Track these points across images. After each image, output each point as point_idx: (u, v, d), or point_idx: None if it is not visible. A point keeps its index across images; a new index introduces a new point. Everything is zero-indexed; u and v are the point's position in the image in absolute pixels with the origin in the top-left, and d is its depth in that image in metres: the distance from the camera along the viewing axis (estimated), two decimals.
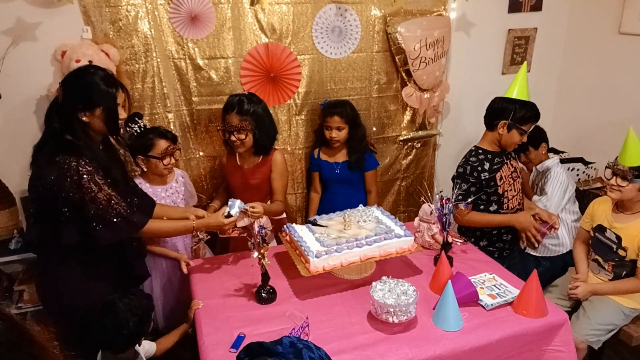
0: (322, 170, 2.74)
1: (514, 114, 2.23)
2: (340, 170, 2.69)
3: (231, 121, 2.24)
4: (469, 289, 1.76)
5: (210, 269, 2.08)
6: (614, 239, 2.11)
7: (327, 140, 2.64)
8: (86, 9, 2.25)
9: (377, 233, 1.89)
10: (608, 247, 2.14)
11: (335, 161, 2.69)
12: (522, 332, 1.68)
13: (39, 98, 2.30)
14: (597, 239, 2.20)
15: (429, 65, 2.76)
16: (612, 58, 2.95)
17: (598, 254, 2.20)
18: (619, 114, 2.93)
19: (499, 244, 2.42)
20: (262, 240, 1.74)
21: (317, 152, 2.75)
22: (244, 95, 2.31)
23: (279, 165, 2.37)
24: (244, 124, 2.23)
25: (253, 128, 2.25)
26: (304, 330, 1.58)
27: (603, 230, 2.16)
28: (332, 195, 2.76)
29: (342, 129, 2.58)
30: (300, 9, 2.56)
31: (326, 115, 2.60)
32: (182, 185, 2.40)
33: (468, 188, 2.30)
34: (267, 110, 2.37)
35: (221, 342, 1.60)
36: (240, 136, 2.24)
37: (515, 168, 2.40)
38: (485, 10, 2.96)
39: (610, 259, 2.14)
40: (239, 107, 2.23)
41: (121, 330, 1.58)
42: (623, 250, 2.08)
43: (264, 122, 2.30)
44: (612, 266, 2.14)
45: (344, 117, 2.56)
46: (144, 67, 2.42)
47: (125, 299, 1.63)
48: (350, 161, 2.66)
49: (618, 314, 2.10)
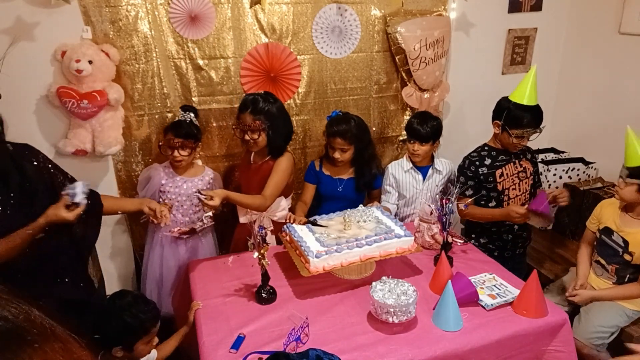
0: (321, 184, 2.56)
1: (507, 115, 2.22)
2: (343, 188, 2.53)
3: (245, 120, 2.20)
4: (469, 289, 1.76)
5: (210, 269, 2.08)
6: (621, 242, 2.08)
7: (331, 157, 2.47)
8: (86, 9, 2.25)
9: (377, 233, 1.89)
10: (614, 250, 2.11)
11: (340, 177, 2.54)
12: (522, 332, 1.68)
13: (39, 98, 2.30)
14: (603, 242, 2.17)
15: (429, 65, 2.76)
16: (612, 58, 2.94)
17: (602, 256, 2.18)
18: (619, 114, 2.93)
19: (498, 242, 2.42)
20: (262, 240, 1.74)
21: (319, 163, 2.58)
22: (260, 95, 2.25)
23: (281, 164, 2.24)
24: (257, 123, 2.18)
25: (267, 128, 2.19)
26: (303, 330, 1.58)
27: (610, 233, 2.13)
28: (327, 212, 2.43)
29: (347, 150, 2.43)
30: (300, 9, 2.56)
31: (329, 135, 2.45)
32: (207, 184, 2.46)
33: (466, 182, 2.33)
34: (283, 110, 2.30)
35: (221, 342, 1.60)
36: (254, 136, 2.20)
37: (525, 169, 2.37)
38: (485, 10, 2.96)
39: (614, 262, 2.12)
40: (253, 107, 2.19)
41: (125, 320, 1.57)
42: (629, 255, 2.05)
43: (279, 123, 2.23)
44: (616, 269, 2.11)
45: (347, 138, 2.39)
46: (144, 67, 2.42)
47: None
48: (359, 182, 2.53)
49: (621, 316, 2.09)
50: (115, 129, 2.37)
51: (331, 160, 2.50)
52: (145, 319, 1.60)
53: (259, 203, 2.16)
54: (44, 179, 1.74)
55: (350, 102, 2.81)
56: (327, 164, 2.57)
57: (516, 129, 2.21)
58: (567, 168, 2.97)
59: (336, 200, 2.52)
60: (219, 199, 1.94)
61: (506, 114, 2.22)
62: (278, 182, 2.22)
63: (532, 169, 2.40)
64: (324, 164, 2.58)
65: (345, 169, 2.55)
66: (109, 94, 2.26)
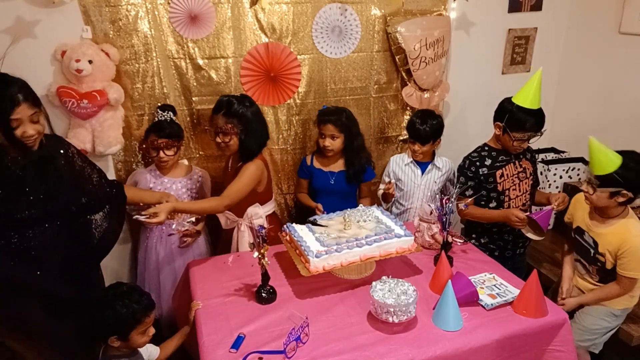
0: (314, 178, 2.62)
1: (509, 118, 2.19)
2: (335, 180, 2.58)
3: (217, 122, 2.17)
4: (469, 289, 1.76)
5: (210, 269, 2.08)
6: (592, 243, 2.06)
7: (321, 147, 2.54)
8: (86, 9, 2.25)
9: (377, 233, 1.89)
10: (587, 250, 2.10)
11: (330, 170, 2.59)
12: (522, 332, 1.68)
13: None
14: (577, 241, 2.16)
15: (429, 65, 2.76)
16: (612, 58, 2.94)
17: (581, 255, 2.17)
18: (618, 114, 2.93)
19: (499, 242, 2.42)
20: (262, 240, 1.74)
21: (311, 158, 2.64)
22: (235, 97, 2.22)
23: (247, 169, 2.17)
24: (229, 126, 2.14)
25: (239, 132, 2.16)
26: (303, 330, 1.58)
27: (582, 232, 2.12)
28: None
29: (337, 138, 2.49)
30: (300, 9, 2.56)
31: (320, 122, 2.52)
32: (195, 183, 2.45)
33: (466, 182, 2.33)
34: (259, 114, 2.28)
35: (221, 342, 1.60)
36: (225, 139, 2.16)
37: (525, 169, 2.36)
38: (485, 10, 2.96)
39: (592, 263, 2.10)
40: (227, 109, 2.15)
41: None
42: (601, 255, 2.02)
43: (253, 127, 2.19)
44: (597, 269, 2.09)
45: (338, 125, 2.46)
46: (144, 67, 2.42)
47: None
48: (349, 174, 2.57)
49: (608, 317, 2.08)
50: (115, 129, 2.37)
51: (322, 153, 2.56)
52: (138, 309, 1.62)
53: (214, 205, 2.10)
54: (73, 170, 1.77)
55: (350, 102, 2.81)
56: (318, 158, 2.63)
57: (518, 132, 2.18)
58: (567, 168, 2.97)
59: (329, 193, 2.60)
60: (164, 214, 1.86)
61: (508, 116, 2.19)
62: (240, 187, 2.14)
63: (531, 169, 2.39)
64: (315, 158, 2.64)
65: (335, 160, 2.60)
66: (109, 94, 2.26)
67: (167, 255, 2.42)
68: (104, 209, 1.87)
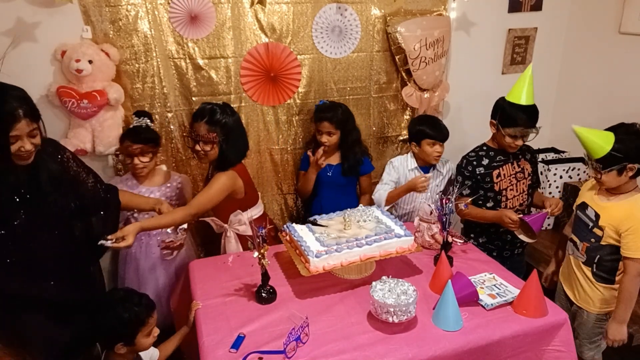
0: None
1: (501, 114, 2.21)
2: (332, 173, 2.64)
3: (198, 130, 2.11)
4: (469, 289, 1.76)
5: (210, 269, 2.08)
6: (593, 216, 2.01)
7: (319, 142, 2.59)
8: (86, 9, 2.25)
9: (377, 233, 1.89)
10: (585, 224, 2.04)
11: (329, 163, 2.63)
12: (522, 332, 1.67)
13: (38, 98, 2.30)
14: (578, 217, 2.11)
15: (429, 65, 2.76)
16: (612, 58, 2.94)
17: (575, 233, 2.12)
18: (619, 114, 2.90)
19: (497, 242, 2.42)
20: (262, 240, 1.74)
21: (312, 153, 2.65)
22: (217, 105, 2.17)
23: (219, 178, 2.12)
24: (211, 135, 2.09)
25: (221, 141, 2.12)
26: (303, 330, 1.58)
27: (585, 207, 2.07)
28: (320, 199, 2.70)
29: (333, 134, 2.55)
30: (300, 9, 2.56)
31: (317, 119, 2.57)
32: (175, 190, 2.39)
33: (463, 181, 2.33)
34: (240, 123, 2.25)
35: (221, 342, 1.60)
36: (206, 147, 2.12)
37: (523, 169, 2.36)
38: (485, 10, 2.96)
39: (585, 239, 2.04)
40: (210, 117, 2.10)
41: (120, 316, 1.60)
42: (599, 229, 1.97)
43: (233, 136, 2.14)
44: (587, 248, 2.03)
45: (334, 122, 2.51)
46: (144, 67, 2.42)
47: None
48: (344, 166, 2.63)
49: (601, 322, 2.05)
50: (115, 129, 2.37)
51: (320, 146, 2.60)
52: (140, 310, 1.63)
53: (181, 215, 2.02)
54: (68, 175, 1.74)
55: (350, 101, 2.81)
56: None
57: (509, 128, 2.19)
58: (567, 168, 2.97)
59: (327, 185, 2.67)
60: (132, 236, 1.78)
61: (500, 113, 2.21)
62: (208, 197, 2.09)
63: (530, 169, 2.38)
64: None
65: (332, 153, 2.65)
66: (108, 94, 2.26)
67: (150, 266, 2.37)
68: (98, 214, 1.83)
